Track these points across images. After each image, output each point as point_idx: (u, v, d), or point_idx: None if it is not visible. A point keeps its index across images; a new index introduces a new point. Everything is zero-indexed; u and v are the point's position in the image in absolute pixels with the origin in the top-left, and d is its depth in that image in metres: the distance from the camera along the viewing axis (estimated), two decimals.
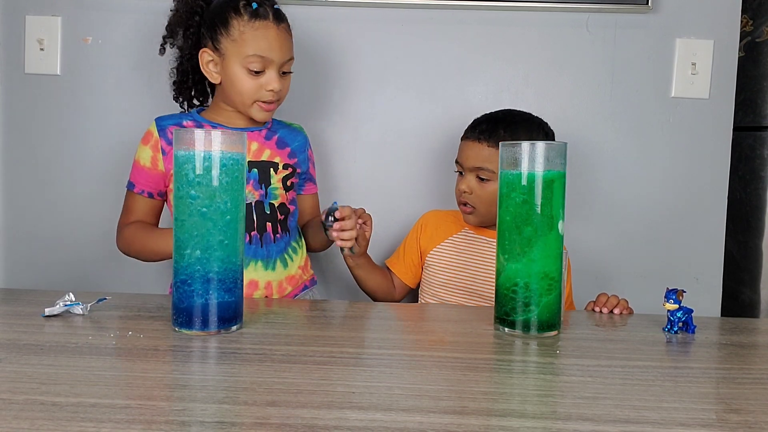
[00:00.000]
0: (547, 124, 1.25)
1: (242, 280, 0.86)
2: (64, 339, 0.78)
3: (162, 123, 1.18)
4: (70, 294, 0.91)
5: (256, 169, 1.17)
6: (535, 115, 1.25)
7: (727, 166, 1.43)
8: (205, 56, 1.15)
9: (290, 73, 1.18)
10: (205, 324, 0.82)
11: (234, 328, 0.84)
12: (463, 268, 1.26)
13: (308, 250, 1.30)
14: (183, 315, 0.82)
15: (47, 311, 0.88)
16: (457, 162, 1.25)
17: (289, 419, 0.56)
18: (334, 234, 1.10)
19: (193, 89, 1.25)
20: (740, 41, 1.44)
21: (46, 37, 1.41)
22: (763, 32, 1.51)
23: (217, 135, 0.82)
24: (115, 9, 1.42)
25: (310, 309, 1.02)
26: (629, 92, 1.43)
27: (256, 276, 1.16)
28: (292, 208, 1.23)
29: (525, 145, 0.86)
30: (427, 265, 1.30)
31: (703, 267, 1.44)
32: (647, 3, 1.37)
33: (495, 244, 1.26)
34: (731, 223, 1.46)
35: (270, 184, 1.18)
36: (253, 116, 1.17)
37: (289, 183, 1.21)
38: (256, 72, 1.12)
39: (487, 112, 1.26)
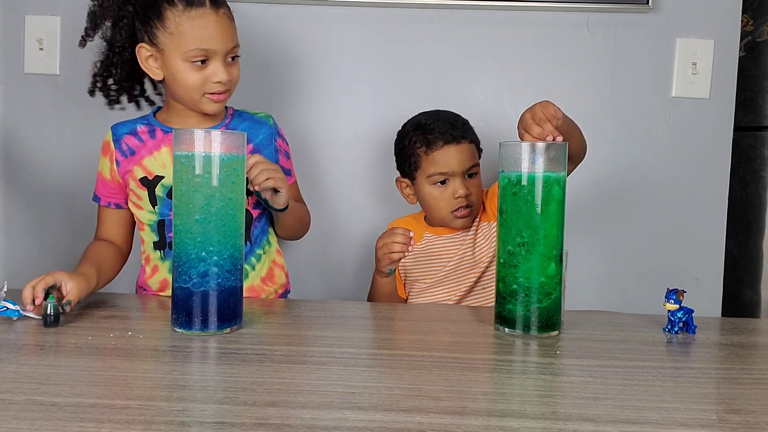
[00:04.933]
0: None
1: (242, 281, 0.86)
2: (63, 339, 0.78)
3: (117, 132, 1.13)
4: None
5: None
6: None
7: (728, 166, 1.43)
8: (143, 52, 1.06)
9: (238, 57, 1.08)
10: (204, 324, 0.82)
11: (234, 328, 0.84)
12: (439, 269, 1.23)
13: (286, 237, 1.21)
14: (182, 315, 0.82)
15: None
16: (435, 174, 1.18)
17: (289, 419, 0.56)
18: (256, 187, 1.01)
19: (119, 85, 1.14)
20: (740, 41, 1.44)
21: (45, 37, 1.41)
22: (763, 32, 1.51)
23: (216, 135, 0.82)
24: None
25: (310, 309, 1.02)
26: (629, 92, 1.42)
27: None
28: (256, 212, 1.13)
29: (525, 145, 0.86)
30: (403, 275, 1.27)
31: (703, 267, 1.44)
32: (647, 3, 1.37)
33: (455, 238, 1.24)
34: (731, 223, 1.46)
35: None
36: (204, 109, 1.08)
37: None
38: (201, 62, 1.03)
39: (416, 118, 1.24)
